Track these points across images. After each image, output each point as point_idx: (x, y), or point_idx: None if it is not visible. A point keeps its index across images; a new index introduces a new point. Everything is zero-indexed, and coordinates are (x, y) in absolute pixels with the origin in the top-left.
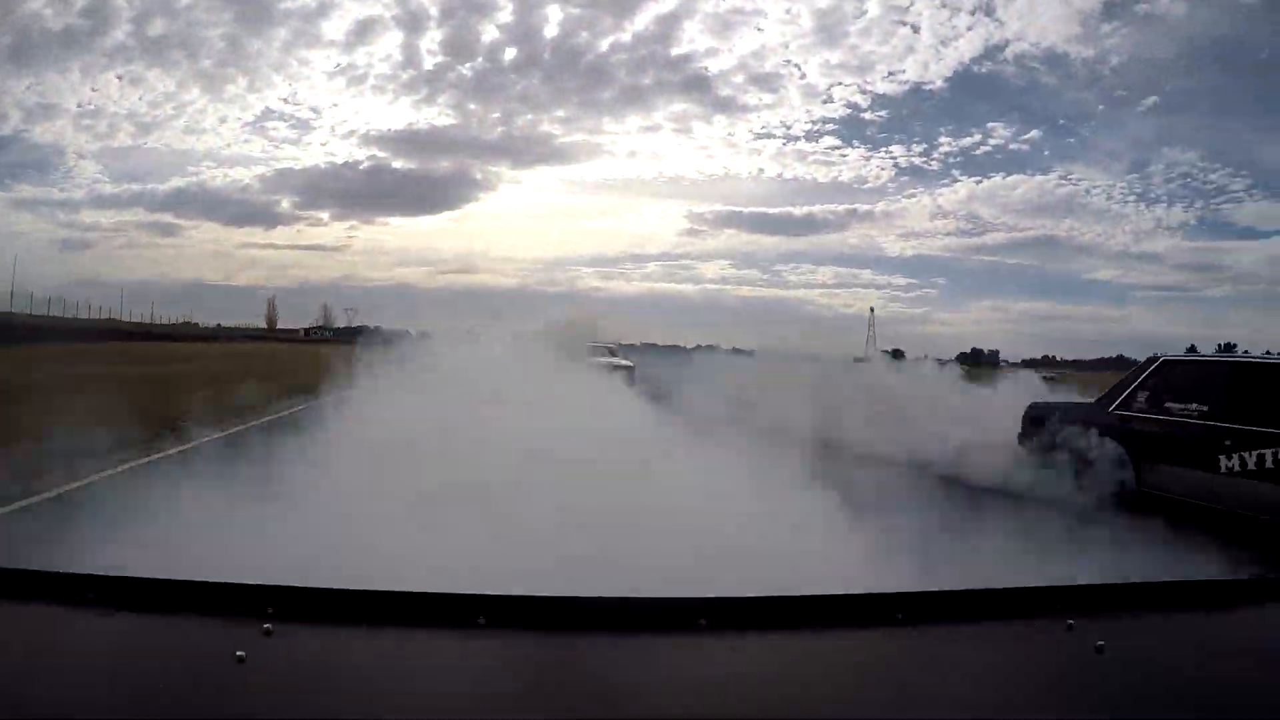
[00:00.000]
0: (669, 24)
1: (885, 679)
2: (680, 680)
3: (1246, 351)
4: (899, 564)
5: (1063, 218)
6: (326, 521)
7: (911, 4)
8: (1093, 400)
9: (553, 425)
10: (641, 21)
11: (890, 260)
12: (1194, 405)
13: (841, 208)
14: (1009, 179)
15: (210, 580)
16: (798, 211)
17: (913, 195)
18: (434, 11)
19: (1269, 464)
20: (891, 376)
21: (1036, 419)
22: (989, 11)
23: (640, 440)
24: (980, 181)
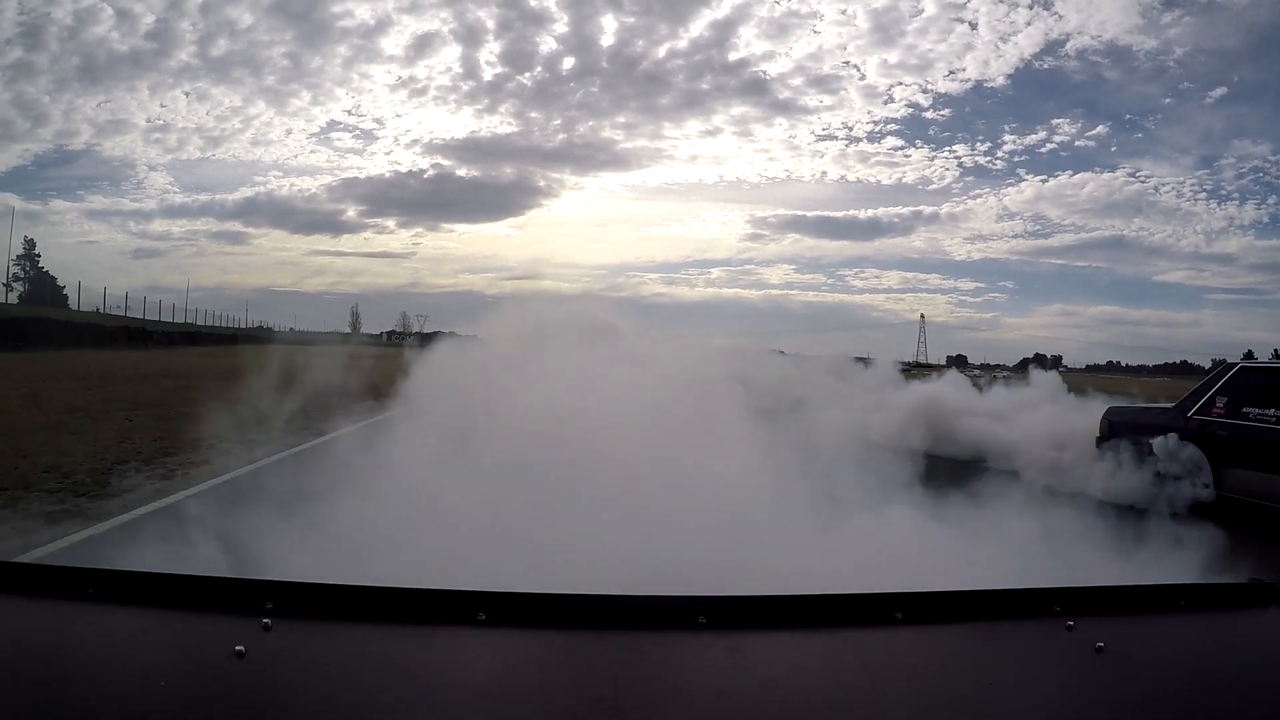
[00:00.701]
0: (725, 29)
1: (885, 679)
2: (679, 678)
3: None
4: (900, 563)
5: (1132, 217)
6: None
7: (968, 1)
8: (1170, 405)
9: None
10: (697, 28)
11: (956, 264)
12: (1272, 411)
13: (906, 210)
14: (1075, 177)
15: (210, 575)
16: (862, 215)
17: (978, 196)
18: (491, 24)
19: None
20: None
21: (1116, 424)
22: (1047, 5)
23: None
24: (1046, 180)
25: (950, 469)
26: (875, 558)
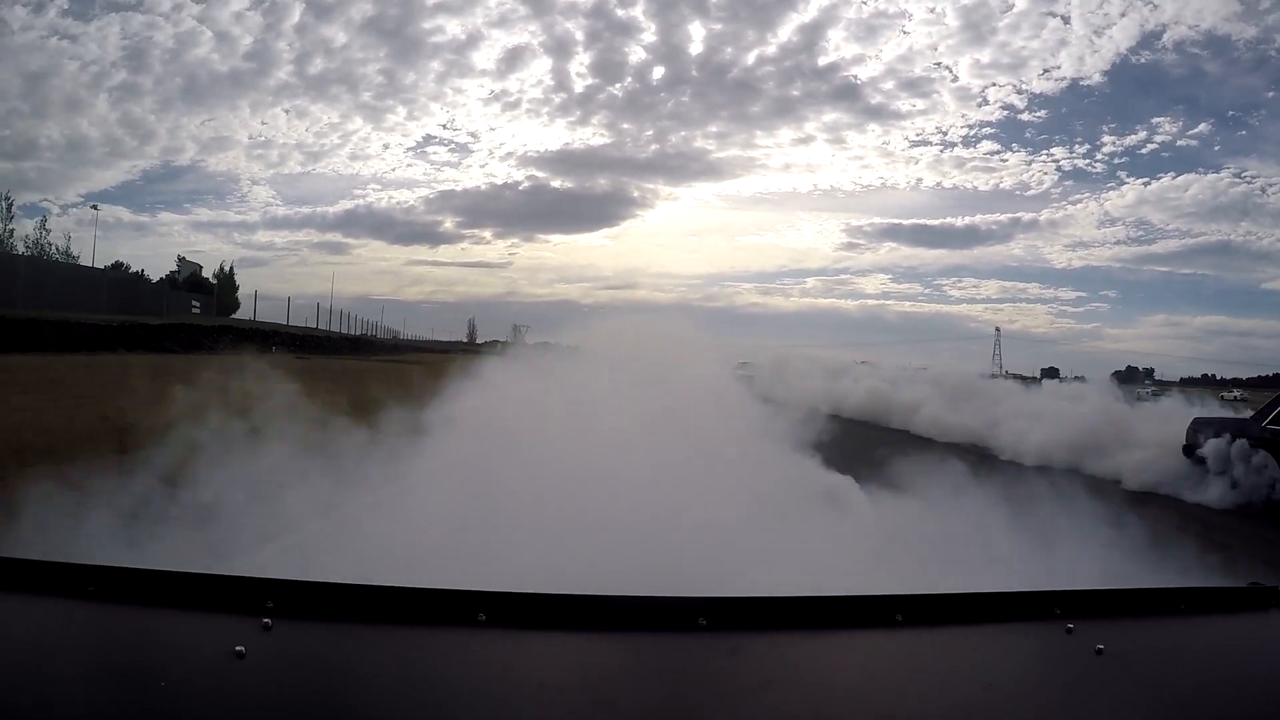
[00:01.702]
0: (812, 33)
1: (885, 680)
2: (680, 679)
3: None
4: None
5: (1239, 220)
6: None
7: None
8: (1250, 415)
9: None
10: (784, 33)
11: (1057, 272)
12: None
13: (1004, 217)
14: (1179, 179)
15: (210, 574)
16: (959, 222)
17: (1078, 201)
18: (580, 36)
19: None
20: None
21: (1199, 432)
22: None
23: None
24: (1148, 183)
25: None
26: (876, 559)
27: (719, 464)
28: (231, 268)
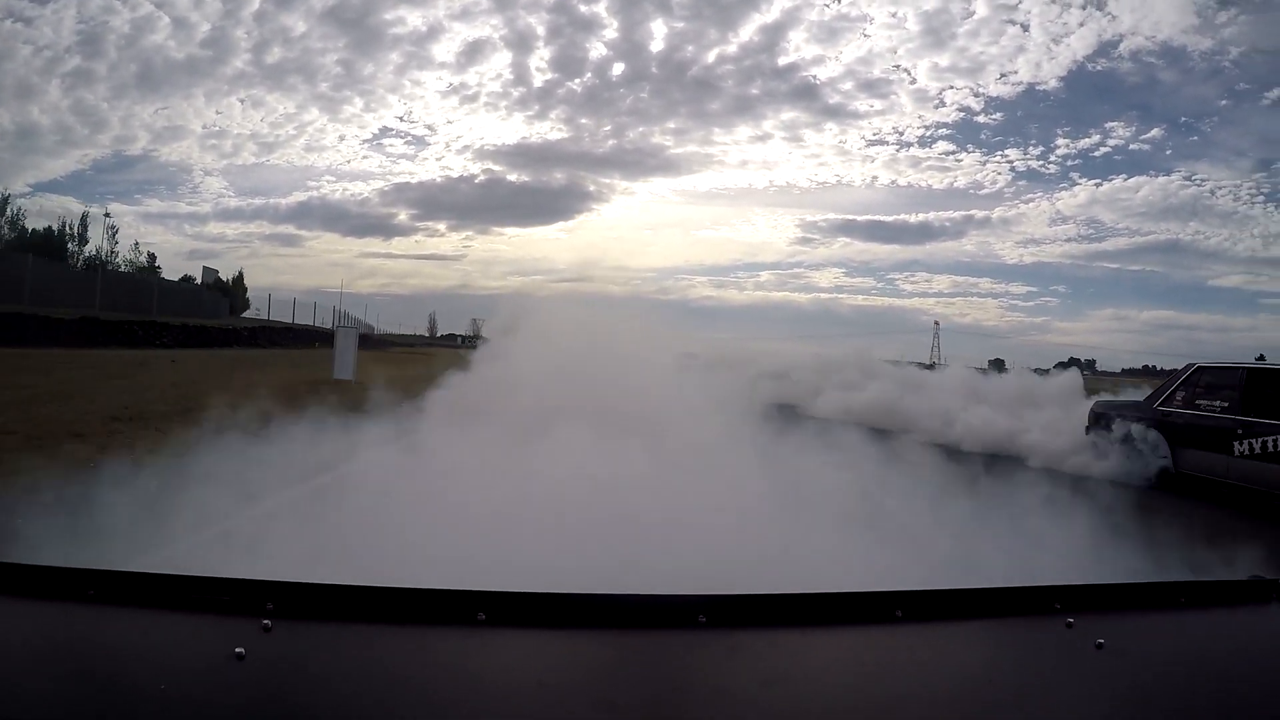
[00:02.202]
0: (774, 34)
1: (885, 677)
2: (680, 677)
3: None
4: (898, 558)
5: (1187, 220)
6: None
7: (1020, 2)
8: (1143, 399)
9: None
10: (746, 32)
11: (1008, 268)
12: (1217, 402)
13: (958, 214)
14: (1130, 181)
15: (210, 576)
16: (913, 219)
17: (1030, 200)
18: (541, 30)
19: (1271, 448)
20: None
21: (1099, 414)
22: (1100, 6)
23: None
24: (1100, 184)
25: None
26: (875, 554)
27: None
28: (241, 271)
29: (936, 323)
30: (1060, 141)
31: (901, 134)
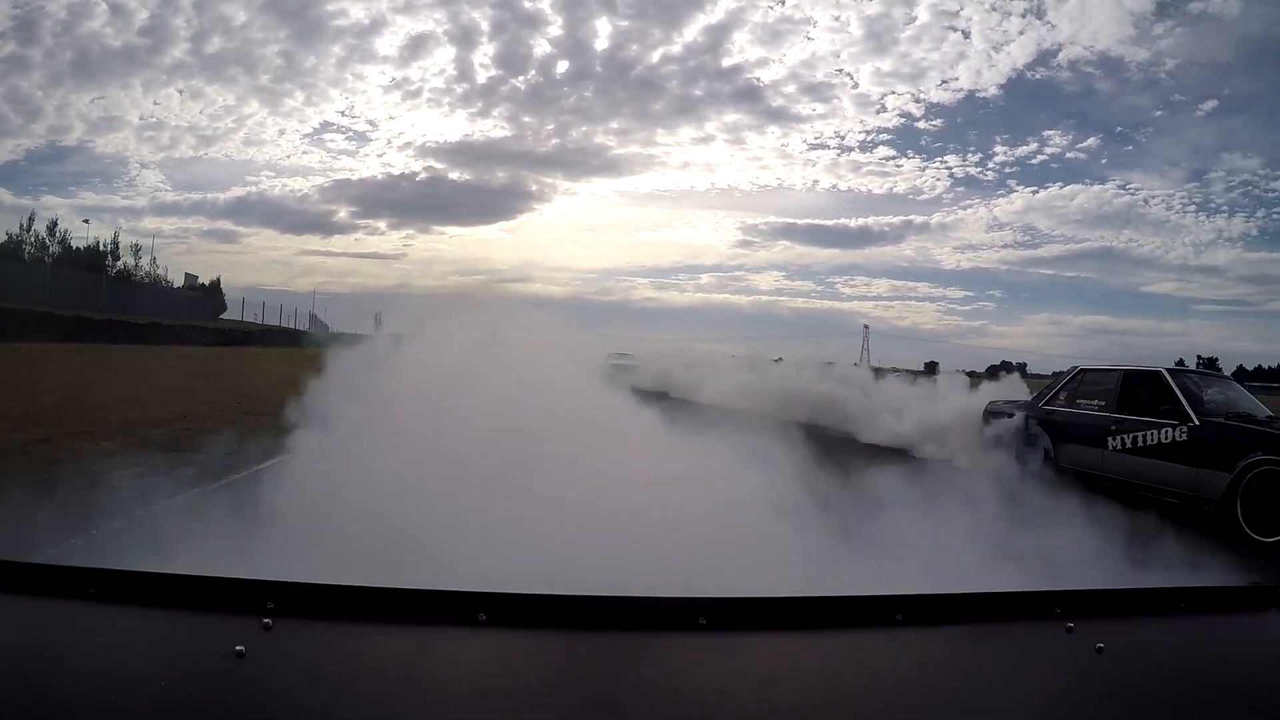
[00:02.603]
0: (718, 35)
1: (885, 680)
2: (680, 679)
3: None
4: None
5: (1121, 228)
6: None
7: (961, 9)
8: (1031, 398)
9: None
10: (691, 33)
11: (946, 273)
12: (1095, 401)
13: (897, 219)
14: (1066, 189)
15: (210, 575)
16: (852, 223)
17: (968, 206)
18: (485, 26)
19: (1140, 443)
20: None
21: (992, 412)
22: (1040, 14)
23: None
24: (1037, 191)
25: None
26: (876, 558)
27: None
28: (219, 277)
29: (865, 326)
30: (999, 149)
31: (843, 138)
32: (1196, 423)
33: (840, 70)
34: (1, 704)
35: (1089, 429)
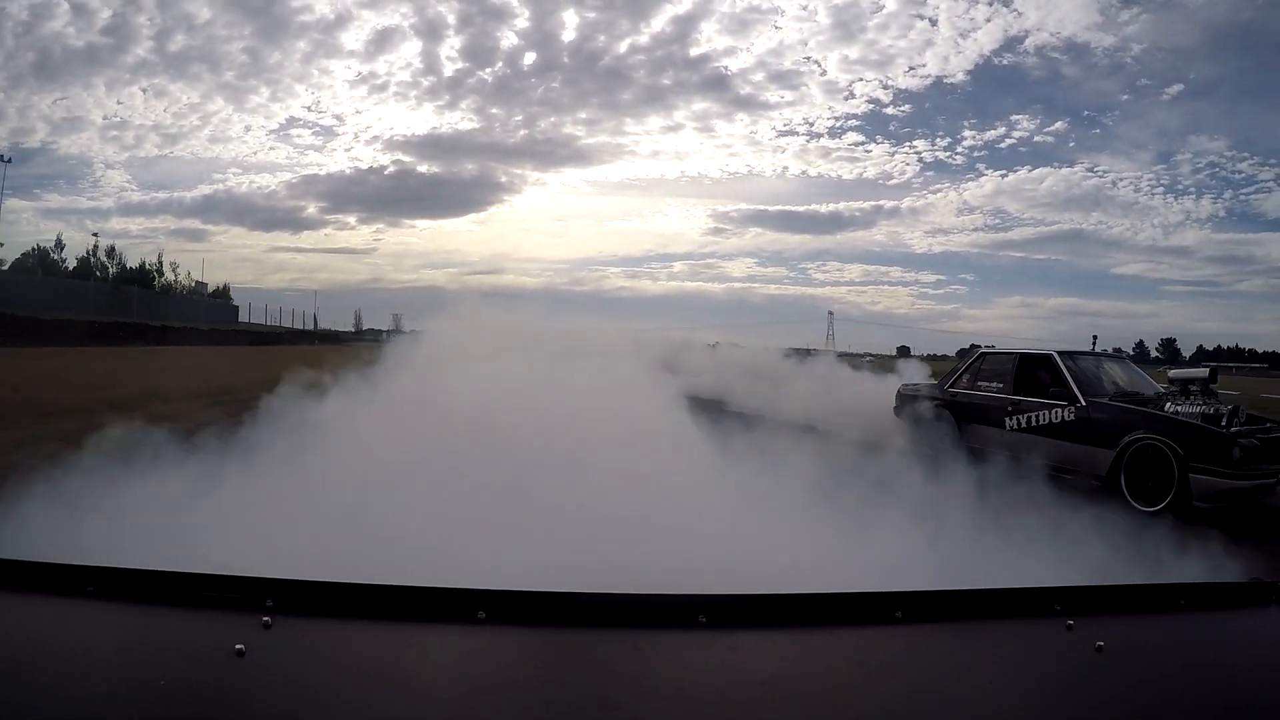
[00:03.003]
0: (686, 24)
1: (885, 678)
2: (680, 677)
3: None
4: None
5: (1090, 211)
6: None
7: None
8: (936, 381)
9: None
10: (658, 23)
11: (918, 257)
12: (995, 384)
13: (868, 204)
14: (1035, 172)
15: (210, 573)
16: (823, 209)
17: (938, 190)
18: (451, 19)
19: (1034, 423)
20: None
21: (905, 395)
22: (1006, 2)
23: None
24: (1006, 175)
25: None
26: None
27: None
28: (228, 283)
29: (830, 312)
30: (967, 133)
31: (812, 125)
32: (1083, 404)
33: (808, 59)
34: (2, 701)
35: (989, 409)
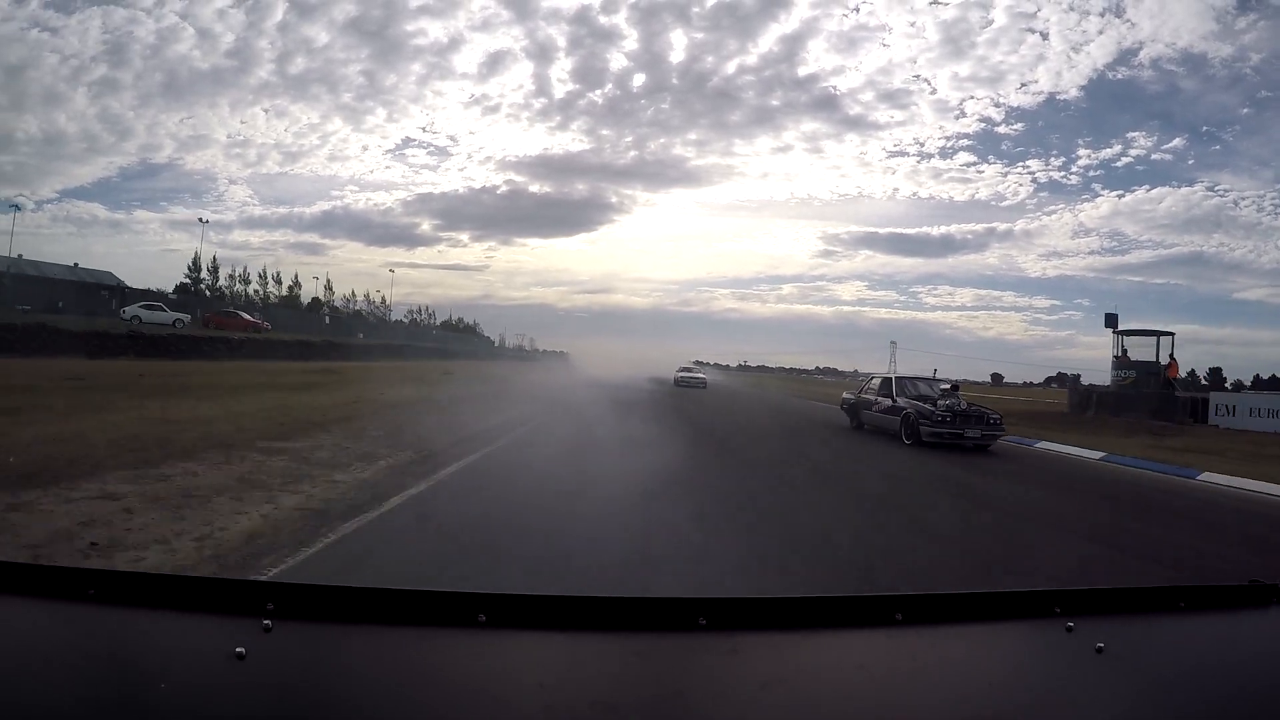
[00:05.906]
0: (793, 44)
1: (885, 680)
2: (680, 680)
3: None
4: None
5: (1211, 232)
6: None
7: (1039, 10)
8: (855, 392)
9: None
10: (766, 43)
11: (1032, 281)
12: (869, 393)
13: (980, 227)
14: (1153, 192)
15: (210, 576)
16: (935, 232)
17: (1053, 212)
18: (561, 42)
19: (880, 410)
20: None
21: (844, 399)
22: (1119, 13)
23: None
24: (1123, 195)
25: None
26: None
27: None
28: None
29: (893, 342)
30: (1082, 152)
31: (922, 145)
32: (896, 402)
33: (918, 76)
34: (2, 705)
35: (867, 404)
